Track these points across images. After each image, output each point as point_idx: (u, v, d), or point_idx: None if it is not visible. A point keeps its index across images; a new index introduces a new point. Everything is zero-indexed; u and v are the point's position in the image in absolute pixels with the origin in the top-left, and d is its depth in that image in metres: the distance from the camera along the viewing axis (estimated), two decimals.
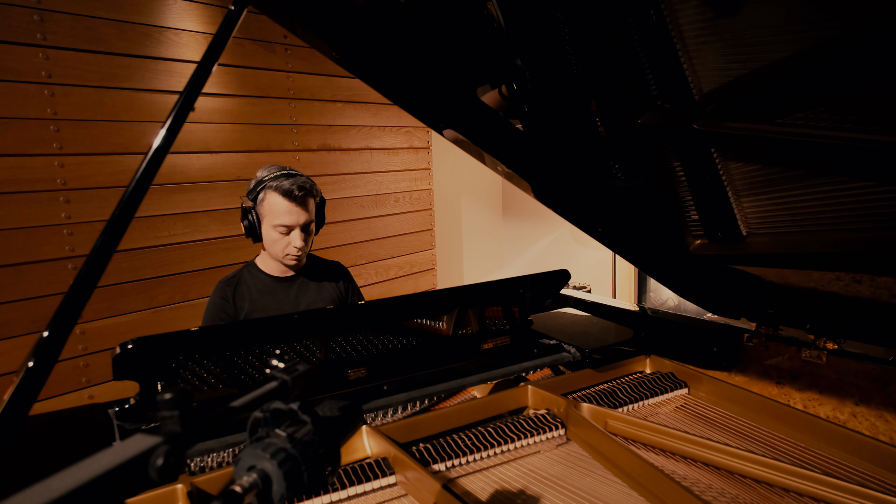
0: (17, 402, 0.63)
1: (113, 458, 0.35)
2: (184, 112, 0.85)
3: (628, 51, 1.18)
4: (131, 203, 0.78)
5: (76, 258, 2.06)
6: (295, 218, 1.65)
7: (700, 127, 1.20)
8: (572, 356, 1.40)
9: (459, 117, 1.26)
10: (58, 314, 0.71)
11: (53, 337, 0.69)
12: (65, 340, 0.70)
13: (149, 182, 0.80)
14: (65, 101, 2.00)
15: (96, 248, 0.76)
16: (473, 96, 1.33)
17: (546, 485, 1.01)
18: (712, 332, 1.37)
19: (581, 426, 1.13)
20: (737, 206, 1.31)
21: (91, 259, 0.75)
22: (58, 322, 0.70)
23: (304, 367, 0.54)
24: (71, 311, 0.71)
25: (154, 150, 0.82)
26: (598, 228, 1.40)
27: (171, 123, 0.84)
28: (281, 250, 1.69)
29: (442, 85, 1.23)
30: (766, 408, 1.18)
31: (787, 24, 0.94)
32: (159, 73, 2.24)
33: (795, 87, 1.00)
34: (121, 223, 0.78)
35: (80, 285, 0.73)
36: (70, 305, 0.72)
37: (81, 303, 0.73)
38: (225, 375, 1.19)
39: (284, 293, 1.77)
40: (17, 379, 0.65)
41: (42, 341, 0.68)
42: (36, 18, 1.91)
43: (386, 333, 1.31)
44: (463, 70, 1.30)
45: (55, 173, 1.99)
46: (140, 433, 0.39)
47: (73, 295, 0.72)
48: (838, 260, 1.21)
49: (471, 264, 4.07)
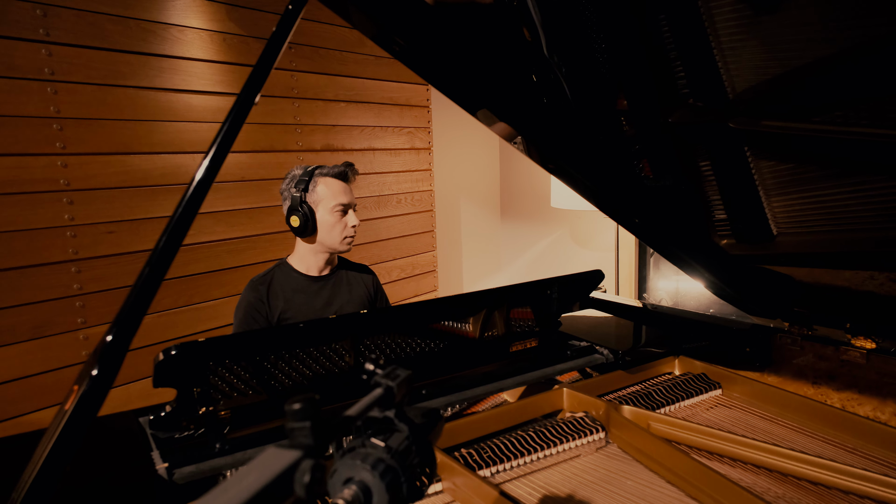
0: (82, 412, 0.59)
1: (259, 479, 0.32)
2: (239, 119, 0.81)
3: (660, 49, 1.16)
4: (191, 205, 0.74)
5: (79, 261, 2.00)
6: (351, 196, 1.76)
7: (736, 125, 1.19)
8: (605, 358, 1.38)
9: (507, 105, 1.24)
10: (119, 318, 0.67)
11: (117, 341, 0.65)
12: (129, 344, 0.67)
13: (205, 191, 0.77)
14: (68, 98, 1.93)
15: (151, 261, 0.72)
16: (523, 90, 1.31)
17: (594, 489, 1.00)
18: (744, 332, 1.36)
19: (624, 429, 1.11)
20: (767, 205, 1.31)
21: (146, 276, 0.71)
22: (121, 326, 0.66)
23: (404, 372, 0.51)
24: (134, 314, 0.68)
25: (210, 157, 0.79)
26: (635, 220, 1.38)
27: (227, 128, 0.81)
28: (339, 233, 1.73)
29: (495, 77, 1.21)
30: (805, 407, 1.17)
31: (828, 22, 0.94)
32: (163, 71, 2.18)
33: (835, 85, 0.99)
34: (181, 227, 0.74)
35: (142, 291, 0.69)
36: (133, 309, 0.68)
37: (144, 307, 0.69)
38: (255, 381, 1.15)
39: (318, 293, 1.78)
40: (78, 388, 0.61)
41: (106, 345, 0.64)
42: (39, 13, 1.85)
43: (420, 337, 1.28)
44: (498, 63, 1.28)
45: (58, 173, 1.93)
46: (272, 447, 0.36)
47: (136, 298, 0.68)
48: (871, 259, 1.21)
49: (469, 265, 4.05)
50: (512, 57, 1.26)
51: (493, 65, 1.26)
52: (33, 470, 0.58)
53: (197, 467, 0.93)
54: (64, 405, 0.61)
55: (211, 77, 2.33)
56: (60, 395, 1.97)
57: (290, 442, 0.36)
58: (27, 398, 1.87)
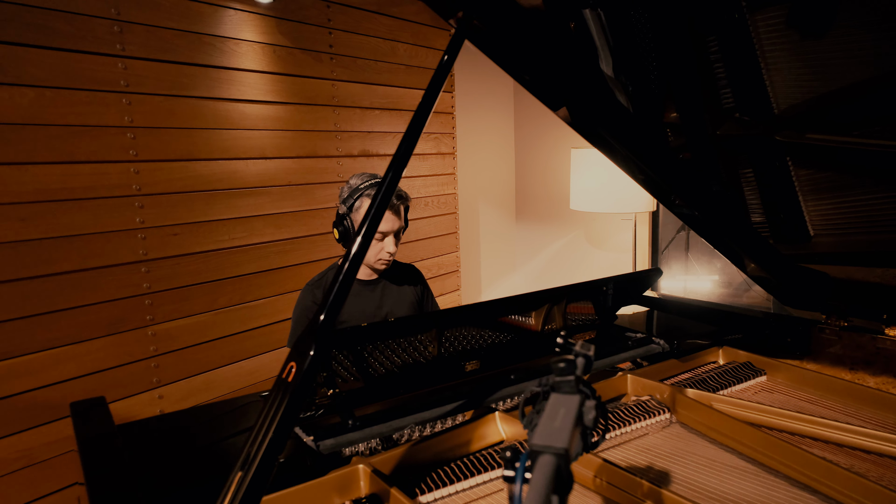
0: (304, 383, 0.73)
1: (569, 412, 0.45)
2: (415, 131, 0.96)
3: (707, 69, 1.30)
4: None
5: (148, 262, 2.12)
6: (390, 225, 1.74)
7: (782, 138, 1.34)
8: (661, 347, 1.53)
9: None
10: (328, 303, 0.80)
11: (328, 320, 0.78)
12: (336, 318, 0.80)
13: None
14: (140, 109, 2.06)
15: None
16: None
17: (668, 460, 1.13)
18: (787, 324, 1.52)
19: (691, 409, 1.26)
20: (805, 208, 1.46)
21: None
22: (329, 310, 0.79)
23: (588, 346, 0.65)
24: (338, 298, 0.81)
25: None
26: (696, 214, 1.52)
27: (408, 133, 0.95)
28: (374, 255, 1.79)
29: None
30: (844, 389, 1.33)
31: (868, 49, 1.08)
32: (221, 82, 2.31)
33: (873, 103, 1.14)
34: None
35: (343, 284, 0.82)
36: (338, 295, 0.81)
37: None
38: (354, 368, 1.29)
39: (369, 295, 1.86)
40: (297, 364, 0.74)
41: (320, 323, 0.78)
42: (116, 30, 1.97)
43: (496, 330, 1.42)
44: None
45: (131, 179, 2.05)
46: (556, 395, 0.49)
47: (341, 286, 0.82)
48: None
49: (487, 265, 4.20)
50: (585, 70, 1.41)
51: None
52: (267, 433, 0.72)
53: (336, 440, 1.07)
54: (287, 378, 0.74)
55: (262, 87, 2.46)
56: (132, 387, 2.09)
57: (563, 390, 0.50)
58: (104, 390, 1.99)
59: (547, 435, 0.40)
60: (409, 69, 3.17)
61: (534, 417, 0.63)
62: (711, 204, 1.48)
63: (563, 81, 1.36)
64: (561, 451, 0.38)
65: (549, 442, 0.39)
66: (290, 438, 1.07)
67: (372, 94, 2.99)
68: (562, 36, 1.34)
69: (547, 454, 0.38)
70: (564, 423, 0.43)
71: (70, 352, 1.93)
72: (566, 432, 0.41)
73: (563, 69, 1.33)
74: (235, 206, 2.40)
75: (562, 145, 3.96)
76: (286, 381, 0.74)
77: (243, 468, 0.72)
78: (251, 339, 2.49)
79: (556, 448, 0.38)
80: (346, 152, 2.87)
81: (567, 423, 0.43)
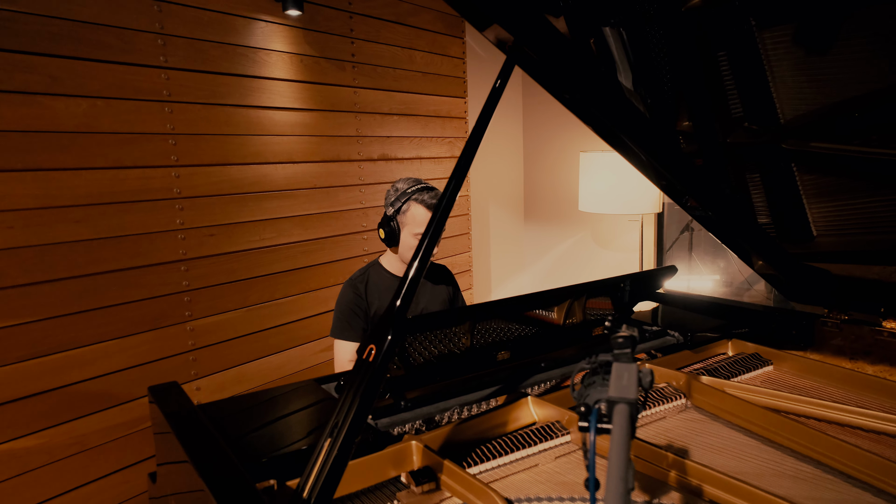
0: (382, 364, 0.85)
1: (632, 375, 0.58)
2: (473, 146, 1.08)
3: (718, 81, 1.42)
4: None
5: (187, 261, 2.24)
6: None
7: (788, 146, 1.46)
8: (676, 339, 1.65)
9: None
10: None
11: (402, 309, 0.90)
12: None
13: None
14: (180, 117, 2.18)
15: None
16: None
17: (686, 441, 1.25)
18: (793, 317, 1.64)
19: (706, 394, 1.38)
20: (809, 211, 1.58)
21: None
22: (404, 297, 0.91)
23: (631, 328, 0.77)
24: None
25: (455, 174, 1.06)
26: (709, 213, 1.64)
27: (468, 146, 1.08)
28: (412, 251, 1.90)
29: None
30: (846, 376, 1.45)
31: (867, 67, 1.20)
32: (253, 91, 2.43)
33: (873, 114, 1.26)
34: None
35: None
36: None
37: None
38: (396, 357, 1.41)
39: None
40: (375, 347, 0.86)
41: (396, 311, 0.90)
42: (160, 43, 2.10)
43: (522, 323, 1.55)
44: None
45: (172, 183, 2.17)
46: (617, 364, 0.62)
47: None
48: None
49: (497, 264, 4.33)
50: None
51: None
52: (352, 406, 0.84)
53: (391, 419, 1.19)
54: (367, 358, 0.86)
55: (290, 94, 2.59)
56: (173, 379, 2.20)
57: (622, 360, 0.62)
58: (148, 382, 2.11)
59: (620, 389, 0.52)
60: (426, 76, 3.30)
61: (584, 391, 0.75)
62: (724, 205, 1.60)
63: (594, 96, 1.48)
64: (633, 401, 0.50)
65: (623, 394, 0.51)
66: None
67: (391, 101, 3.11)
68: (588, 53, 1.47)
69: (622, 403, 0.50)
70: (630, 381, 0.55)
71: (117, 345, 2.06)
72: (633, 388, 0.53)
73: (592, 85, 1.44)
74: (265, 208, 2.52)
75: (570, 149, 4.08)
76: (367, 362, 0.86)
77: (331, 435, 0.84)
78: (278, 336, 2.61)
79: (629, 398, 0.50)
80: (366, 156, 3.00)
81: (632, 383, 0.55)
